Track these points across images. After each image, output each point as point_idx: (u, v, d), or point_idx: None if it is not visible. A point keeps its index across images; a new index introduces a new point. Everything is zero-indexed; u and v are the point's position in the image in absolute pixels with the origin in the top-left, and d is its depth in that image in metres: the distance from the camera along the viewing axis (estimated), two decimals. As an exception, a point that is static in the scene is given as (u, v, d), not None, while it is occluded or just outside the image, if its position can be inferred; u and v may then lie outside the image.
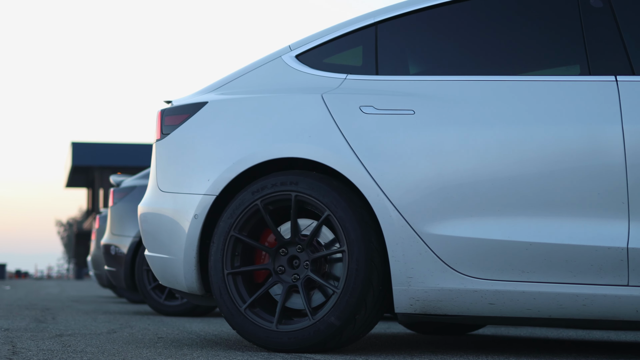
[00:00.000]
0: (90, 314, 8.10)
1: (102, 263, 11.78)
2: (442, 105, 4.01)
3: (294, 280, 4.17)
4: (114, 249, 8.29)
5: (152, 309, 8.07)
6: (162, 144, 4.60)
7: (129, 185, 8.49)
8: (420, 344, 4.81)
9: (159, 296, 7.96)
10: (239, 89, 4.53)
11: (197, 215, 4.32)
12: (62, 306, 9.86)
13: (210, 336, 5.28)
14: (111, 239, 8.38)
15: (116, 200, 8.46)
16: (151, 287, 7.99)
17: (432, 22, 4.27)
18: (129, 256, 8.12)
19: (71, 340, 4.83)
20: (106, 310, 9.10)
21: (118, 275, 8.26)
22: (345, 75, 4.30)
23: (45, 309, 9.03)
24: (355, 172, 4.04)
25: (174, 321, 6.98)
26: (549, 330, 6.63)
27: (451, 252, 3.88)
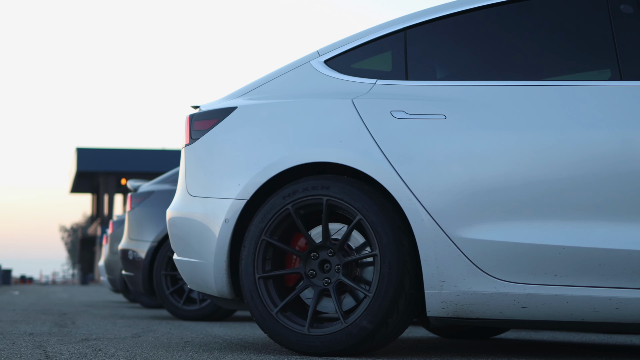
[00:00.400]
0: (108, 318, 8.12)
1: (115, 268, 11.81)
2: (474, 110, 4.03)
3: (325, 284, 4.19)
4: (131, 254, 8.32)
5: (171, 314, 8.09)
6: (191, 148, 4.62)
7: (147, 190, 8.52)
8: (447, 348, 4.82)
9: (177, 301, 7.99)
10: (267, 94, 4.56)
11: (228, 220, 4.34)
12: (78, 311, 9.88)
13: (235, 340, 5.29)
14: (129, 243, 8.40)
15: (134, 205, 8.49)
16: (169, 291, 8.01)
17: (462, 27, 4.30)
18: (147, 261, 8.14)
19: (99, 344, 4.85)
20: (123, 315, 9.12)
21: (136, 280, 8.28)
22: (375, 80, 4.32)
23: (62, 313, 9.05)
24: (387, 177, 4.06)
25: (195, 325, 7.00)
26: (570, 334, 6.64)
27: (484, 256, 3.90)
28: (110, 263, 11.93)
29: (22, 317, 8.14)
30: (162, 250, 8.06)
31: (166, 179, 8.59)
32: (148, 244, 8.15)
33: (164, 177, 8.63)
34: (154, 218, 8.23)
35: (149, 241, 8.16)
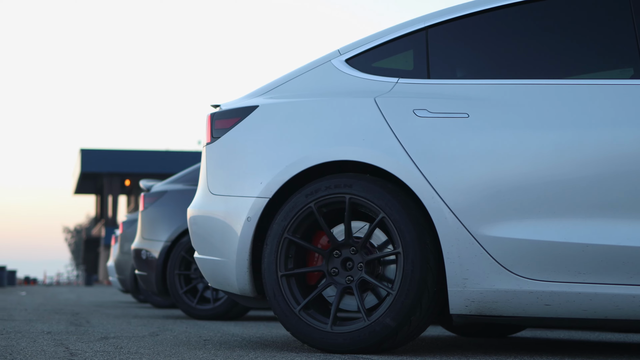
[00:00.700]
0: (121, 317, 8.14)
1: (126, 268, 11.83)
2: (496, 109, 4.05)
3: (347, 282, 4.21)
4: (145, 254, 8.33)
5: (184, 313, 8.10)
6: (213, 147, 4.64)
7: (160, 190, 8.53)
8: (467, 346, 4.84)
9: (191, 300, 8.00)
10: (288, 93, 4.58)
11: (250, 218, 4.36)
12: (90, 311, 9.90)
13: (254, 338, 5.31)
14: (142, 243, 8.42)
15: (147, 205, 8.50)
16: (183, 291, 8.03)
17: (483, 26, 4.31)
18: (160, 260, 8.15)
19: (119, 342, 4.87)
20: (135, 314, 9.14)
21: (149, 279, 8.30)
22: (397, 79, 4.34)
23: (75, 313, 9.07)
24: (410, 175, 4.07)
25: (210, 324, 7.02)
26: (586, 333, 6.65)
27: (507, 254, 3.92)
28: (121, 263, 11.95)
29: (35, 316, 8.16)
30: (175, 249, 8.08)
31: (179, 178, 8.60)
32: (161, 244, 8.17)
33: (177, 176, 8.65)
34: (167, 217, 8.24)
35: (162, 241, 8.17)
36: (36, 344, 4.68)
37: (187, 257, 8.06)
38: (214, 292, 8.02)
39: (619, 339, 6.02)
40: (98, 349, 4.35)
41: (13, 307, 10.69)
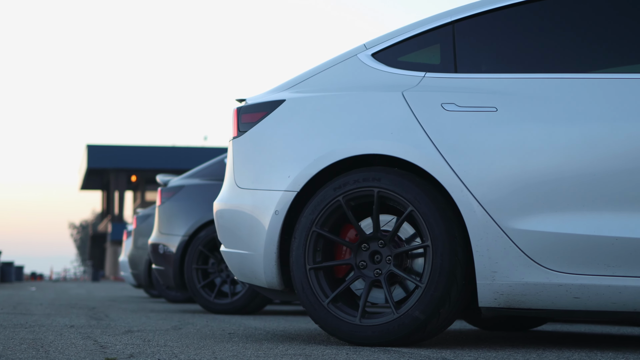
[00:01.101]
0: (138, 312, 8.17)
1: (140, 263, 11.86)
2: (525, 103, 4.06)
3: (376, 275, 4.23)
4: (162, 248, 8.36)
5: (202, 307, 8.13)
6: (239, 141, 4.66)
7: (177, 184, 8.56)
8: (493, 339, 4.85)
9: (208, 294, 8.03)
10: (314, 87, 4.59)
11: (278, 212, 4.38)
12: (105, 305, 9.93)
13: (278, 332, 5.33)
14: (159, 237, 8.44)
15: (164, 200, 8.52)
16: (200, 285, 8.05)
17: (511, 20, 4.33)
18: (177, 255, 8.18)
19: (144, 335, 4.89)
20: (151, 309, 9.17)
21: (166, 273, 8.32)
22: (424, 73, 4.35)
23: (91, 307, 9.10)
24: (438, 169, 4.09)
25: (230, 318, 7.04)
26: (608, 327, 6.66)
27: (536, 247, 3.93)
28: (135, 258, 11.98)
29: (53, 310, 8.20)
30: (193, 244, 8.10)
31: (196, 173, 8.63)
32: (179, 238, 8.19)
33: (194, 171, 8.67)
34: (184, 212, 8.26)
35: (180, 235, 8.20)
36: (63, 337, 4.71)
37: (205, 252, 8.08)
38: (232, 287, 8.04)
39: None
40: (127, 342, 4.38)
41: (28, 302, 10.73)
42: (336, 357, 3.67)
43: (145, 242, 11.78)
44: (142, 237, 11.85)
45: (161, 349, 4.02)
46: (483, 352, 3.99)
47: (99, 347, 4.07)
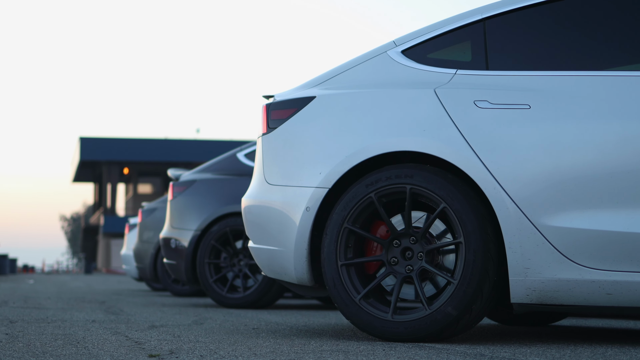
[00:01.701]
0: (150, 306, 8.19)
1: (145, 256, 11.88)
2: (558, 100, 4.09)
3: (407, 272, 4.26)
4: (174, 242, 8.37)
5: (214, 301, 8.15)
6: (269, 138, 4.68)
7: (189, 179, 8.57)
8: (521, 335, 4.89)
9: (221, 289, 8.05)
10: (343, 84, 4.62)
11: (309, 208, 4.40)
12: (113, 299, 9.94)
13: (301, 327, 5.36)
14: (171, 232, 8.45)
15: (176, 194, 8.53)
16: (213, 280, 8.07)
17: (543, 17, 4.35)
18: (190, 249, 8.19)
19: (171, 330, 4.91)
20: (162, 302, 9.18)
21: (178, 268, 8.33)
22: (455, 70, 4.38)
23: (101, 302, 9.11)
24: (472, 166, 4.12)
25: (245, 313, 7.07)
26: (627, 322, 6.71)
27: (568, 244, 3.97)
28: (140, 252, 11.99)
29: (65, 304, 8.21)
30: (205, 238, 8.12)
31: (207, 167, 8.64)
32: (191, 233, 8.20)
33: (205, 166, 8.68)
34: (197, 207, 8.28)
35: (192, 229, 8.21)
36: (92, 332, 4.73)
37: (217, 246, 8.10)
38: (244, 281, 8.06)
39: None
40: (158, 338, 4.40)
41: (31, 296, 10.73)
42: (373, 353, 3.70)
43: (151, 236, 11.80)
44: (147, 231, 11.86)
45: (196, 345, 4.05)
46: (517, 347, 4.02)
47: (134, 343, 4.09)
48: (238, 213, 8.08)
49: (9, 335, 4.46)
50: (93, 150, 60.83)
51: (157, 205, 11.96)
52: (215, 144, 64.14)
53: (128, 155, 60.98)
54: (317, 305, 9.14)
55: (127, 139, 61.80)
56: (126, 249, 15.05)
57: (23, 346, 3.89)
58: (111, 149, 60.89)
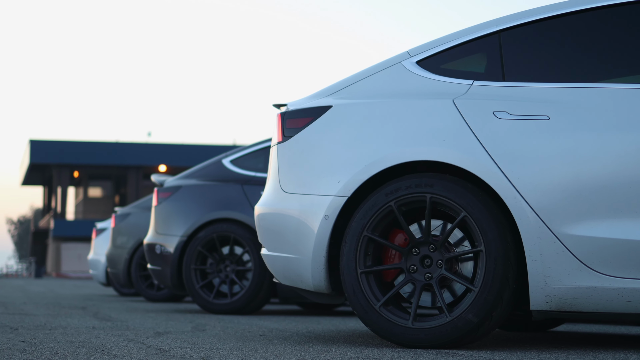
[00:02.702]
0: (134, 312, 8.17)
1: (119, 262, 11.83)
2: (577, 111, 4.18)
3: (427, 279, 4.32)
4: (159, 248, 8.36)
5: (201, 307, 8.15)
6: (285, 146, 4.72)
7: (174, 185, 8.56)
8: (540, 341, 4.97)
9: (207, 295, 8.05)
10: (358, 94, 4.67)
11: (328, 216, 4.45)
12: (93, 304, 9.88)
13: (305, 333, 5.40)
14: (156, 238, 8.45)
15: (161, 200, 8.53)
16: (199, 285, 8.07)
17: (559, 30, 4.44)
18: (175, 255, 8.19)
19: (180, 336, 4.93)
20: (143, 308, 9.16)
21: (163, 273, 8.33)
22: (472, 81, 4.45)
23: (81, 307, 9.07)
24: (492, 175, 4.19)
25: (236, 319, 7.09)
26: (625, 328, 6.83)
27: (588, 252, 4.06)
28: (114, 257, 11.94)
29: (50, 311, 8.15)
30: (192, 244, 8.12)
31: (192, 173, 8.64)
32: (177, 239, 8.20)
33: (190, 172, 8.69)
34: (183, 213, 8.28)
35: (178, 235, 8.21)
36: (105, 340, 4.73)
37: (204, 252, 8.11)
38: (230, 287, 8.08)
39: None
40: (178, 345, 4.42)
41: (9, 302, 10.63)
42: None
43: (125, 241, 11.77)
44: (121, 236, 11.83)
45: (222, 352, 4.07)
46: (541, 354, 4.11)
47: (159, 351, 4.10)
48: (225, 219, 8.10)
49: (26, 343, 4.45)
50: (43, 153, 60.28)
51: (131, 210, 11.93)
52: (166, 148, 63.91)
53: (79, 158, 60.51)
54: (299, 311, 9.19)
55: (78, 142, 61.32)
56: (93, 253, 14.96)
57: (51, 354, 3.89)
58: (62, 152, 60.37)
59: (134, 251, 11.71)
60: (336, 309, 9.94)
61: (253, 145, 8.52)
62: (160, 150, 64.16)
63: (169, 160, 64.23)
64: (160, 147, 64.46)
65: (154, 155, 64.00)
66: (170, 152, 64.35)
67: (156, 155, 63.98)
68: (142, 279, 11.65)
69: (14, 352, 3.94)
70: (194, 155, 64.25)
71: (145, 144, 64.28)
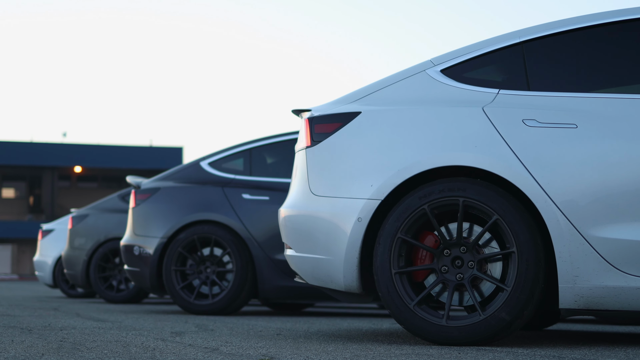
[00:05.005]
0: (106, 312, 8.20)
1: (77, 263, 11.80)
2: (603, 120, 4.42)
3: (458, 279, 4.51)
4: (137, 249, 8.41)
5: (182, 308, 8.22)
6: (314, 150, 4.87)
7: (152, 186, 8.61)
8: (573, 337, 5.20)
9: (188, 296, 8.13)
10: (384, 100, 4.85)
11: (361, 219, 4.62)
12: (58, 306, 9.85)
13: (315, 331, 5.54)
14: (134, 239, 8.49)
15: (139, 202, 8.57)
16: (180, 287, 8.15)
17: (581, 42, 4.68)
18: (155, 256, 8.24)
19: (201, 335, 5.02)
20: (107, 309, 9.18)
21: (142, 275, 8.37)
22: (498, 90, 4.67)
23: (54, 308, 9.05)
24: (523, 180, 4.40)
25: (229, 319, 7.19)
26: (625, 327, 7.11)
27: (615, 253, 4.30)
28: (71, 258, 11.90)
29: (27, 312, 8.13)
30: (172, 246, 8.18)
31: (170, 175, 8.69)
32: (157, 240, 8.26)
33: (167, 174, 8.74)
34: (162, 214, 8.34)
35: (158, 237, 8.27)
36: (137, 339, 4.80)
37: (184, 254, 8.18)
38: (211, 288, 8.16)
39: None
40: (223, 343, 4.52)
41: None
42: (449, 355, 3.94)
43: (83, 243, 11.75)
44: (79, 238, 11.80)
45: (278, 351, 4.20)
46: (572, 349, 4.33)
47: (207, 349, 4.20)
48: (205, 221, 8.19)
49: (66, 341, 4.51)
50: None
51: (89, 212, 11.91)
52: (82, 148, 63.18)
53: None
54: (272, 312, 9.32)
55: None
56: (39, 255, 14.85)
57: (101, 354, 3.96)
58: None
59: (92, 252, 11.69)
60: (304, 310, 10.09)
61: (231, 148, 8.63)
62: (76, 151, 63.43)
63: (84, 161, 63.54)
64: (76, 147, 63.72)
65: (70, 155, 63.24)
66: (86, 152, 63.63)
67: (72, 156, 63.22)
68: (101, 280, 11.64)
69: (63, 353, 4.01)
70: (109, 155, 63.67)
71: (61, 144, 63.48)
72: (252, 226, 8.04)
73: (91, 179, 69.91)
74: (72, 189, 68.91)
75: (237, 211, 8.11)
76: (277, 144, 8.51)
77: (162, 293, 8.51)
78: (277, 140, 8.52)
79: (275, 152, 8.52)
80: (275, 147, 8.50)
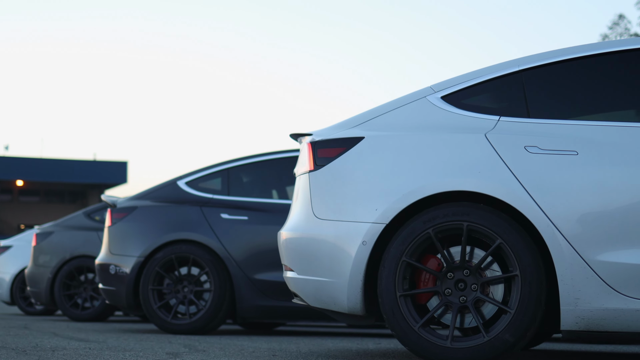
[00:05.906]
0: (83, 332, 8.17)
1: (40, 281, 11.72)
2: (603, 148, 4.56)
3: (462, 302, 4.62)
4: (114, 268, 8.39)
5: (159, 328, 8.22)
6: (317, 174, 4.95)
7: (129, 205, 8.61)
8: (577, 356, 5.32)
9: (165, 315, 8.13)
10: (385, 126, 4.94)
11: (366, 242, 4.70)
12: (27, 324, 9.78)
13: (309, 352, 5.60)
14: (110, 258, 8.47)
15: (115, 220, 8.56)
16: (157, 306, 8.15)
17: (578, 71, 4.83)
18: (132, 275, 8.24)
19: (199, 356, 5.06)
20: (79, 328, 9.14)
21: (118, 294, 8.36)
22: (498, 117, 4.79)
23: (23, 327, 8.98)
24: (526, 205, 4.53)
25: (212, 339, 7.22)
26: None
27: (616, 277, 4.43)
28: (35, 275, 11.82)
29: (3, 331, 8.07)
30: (149, 265, 8.18)
31: (146, 194, 8.69)
32: (134, 259, 8.25)
33: (143, 192, 8.73)
34: (139, 233, 8.34)
35: (134, 256, 8.26)
36: None
37: (162, 273, 8.19)
38: (188, 307, 8.18)
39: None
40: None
41: None
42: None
43: (48, 260, 11.67)
44: (43, 255, 11.72)
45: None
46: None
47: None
48: (183, 240, 8.21)
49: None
50: None
51: (53, 229, 11.83)
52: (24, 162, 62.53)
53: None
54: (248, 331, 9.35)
55: None
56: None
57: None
58: None
59: (57, 270, 11.62)
60: (275, 329, 10.13)
61: (208, 167, 8.66)
62: (18, 164, 62.76)
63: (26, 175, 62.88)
64: (18, 160, 63.06)
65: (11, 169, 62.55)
66: (28, 166, 63.00)
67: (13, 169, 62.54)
68: (66, 298, 11.57)
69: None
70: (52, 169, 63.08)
71: (2, 157, 62.75)
72: (230, 246, 8.07)
73: (33, 193, 69.26)
74: (14, 202, 68.13)
75: (216, 231, 8.14)
76: (255, 164, 8.57)
77: (138, 312, 8.51)
78: (255, 160, 8.58)
79: (252, 172, 8.58)
80: (252, 167, 8.56)
